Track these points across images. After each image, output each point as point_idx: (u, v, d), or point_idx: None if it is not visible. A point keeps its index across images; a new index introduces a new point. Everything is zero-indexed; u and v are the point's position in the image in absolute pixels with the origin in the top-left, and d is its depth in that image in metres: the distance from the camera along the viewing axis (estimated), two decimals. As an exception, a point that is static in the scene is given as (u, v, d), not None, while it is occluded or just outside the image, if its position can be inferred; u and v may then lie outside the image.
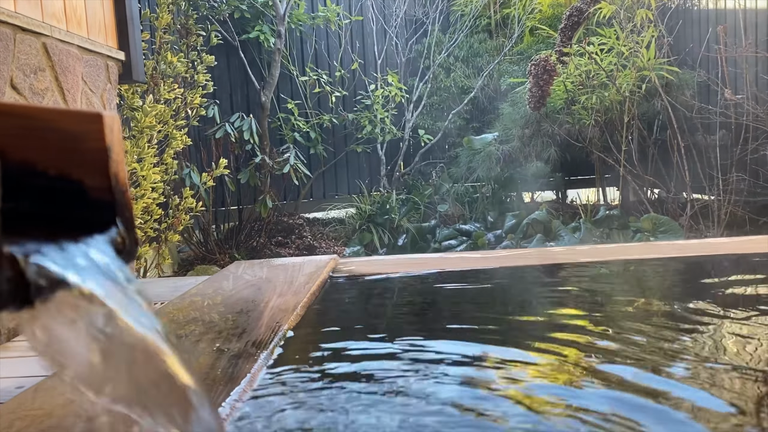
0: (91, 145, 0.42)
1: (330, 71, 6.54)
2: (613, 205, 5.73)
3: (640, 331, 1.15)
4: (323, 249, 5.55)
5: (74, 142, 0.41)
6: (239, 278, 1.71)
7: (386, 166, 6.74)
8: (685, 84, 5.03)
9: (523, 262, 1.96)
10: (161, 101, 3.93)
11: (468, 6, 7.26)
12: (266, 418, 0.80)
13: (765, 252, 1.88)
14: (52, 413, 0.86)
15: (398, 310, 1.56)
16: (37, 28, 2.16)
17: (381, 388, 0.89)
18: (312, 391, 0.89)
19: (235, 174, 5.40)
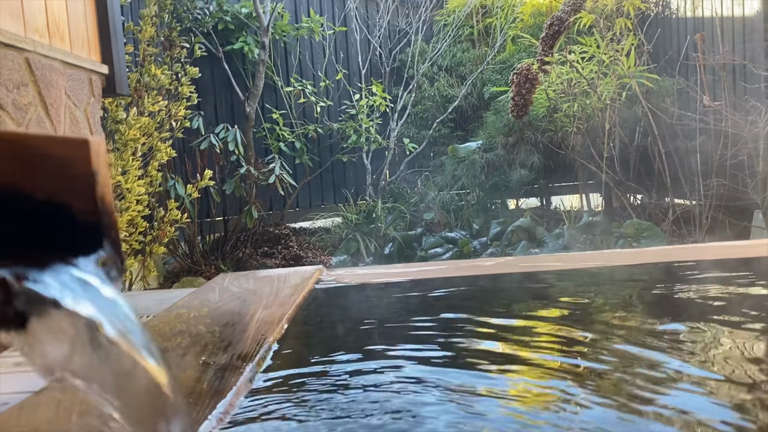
0: (78, 169, 0.43)
1: (315, 81, 6.57)
2: (596, 211, 5.79)
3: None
4: (310, 259, 5.55)
5: (62, 167, 0.43)
6: (225, 290, 1.72)
7: (372, 175, 6.77)
8: (665, 91, 5.11)
9: (508, 270, 1.99)
10: (145, 113, 3.93)
11: (451, 16, 7.33)
12: (252, 429, 0.81)
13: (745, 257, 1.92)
14: (38, 430, 0.86)
15: (383, 319, 1.58)
16: (20, 43, 2.16)
17: (367, 398, 0.90)
18: (297, 402, 0.91)
19: (221, 185, 5.40)
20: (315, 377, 1.04)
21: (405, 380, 0.97)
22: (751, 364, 1.00)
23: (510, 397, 0.89)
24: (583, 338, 1.20)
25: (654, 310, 1.45)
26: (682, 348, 1.10)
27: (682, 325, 1.23)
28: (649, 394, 0.86)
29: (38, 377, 1.29)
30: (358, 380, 1.00)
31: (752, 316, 1.29)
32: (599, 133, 5.12)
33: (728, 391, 0.89)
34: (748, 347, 1.10)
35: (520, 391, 0.92)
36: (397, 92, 7.06)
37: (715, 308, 1.38)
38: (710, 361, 1.03)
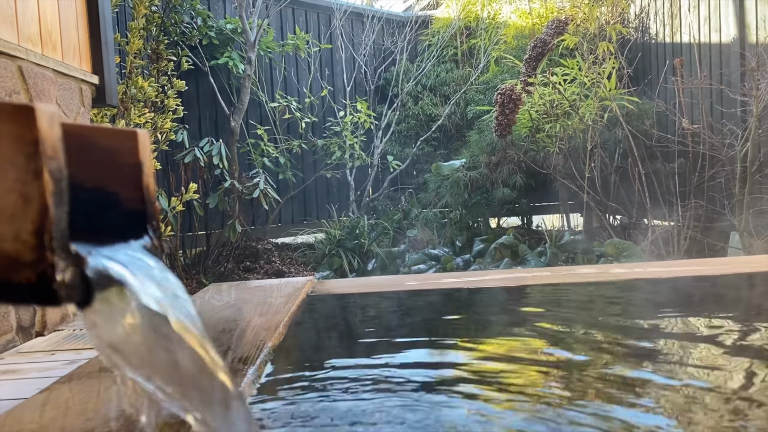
0: (126, 159, 0.45)
1: (300, 97, 6.61)
2: (576, 230, 5.87)
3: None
4: (292, 274, 5.54)
5: (111, 157, 0.45)
6: (218, 299, 1.73)
7: (355, 191, 6.80)
8: (645, 114, 5.22)
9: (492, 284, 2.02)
10: (131, 125, 3.92)
11: (435, 36, 7.45)
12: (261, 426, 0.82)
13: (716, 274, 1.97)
14: (45, 428, 0.87)
15: (372, 327, 1.59)
16: (13, 51, 2.16)
17: (363, 397, 0.92)
18: (300, 401, 0.92)
19: (204, 198, 5.38)
20: (314, 380, 1.05)
21: (400, 382, 0.99)
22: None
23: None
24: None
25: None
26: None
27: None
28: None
29: (25, 384, 1.30)
30: (356, 383, 1.02)
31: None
32: (580, 154, 5.21)
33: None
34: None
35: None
36: (382, 110, 7.13)
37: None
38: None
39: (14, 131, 0.31)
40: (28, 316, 2.19)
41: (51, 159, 0.32)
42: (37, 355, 2.00)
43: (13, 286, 0.31)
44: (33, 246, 0.31)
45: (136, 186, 0.45)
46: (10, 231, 0.31)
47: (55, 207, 0.32)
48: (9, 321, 2.08)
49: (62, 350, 2.04)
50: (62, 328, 2.37)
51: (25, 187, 0.31)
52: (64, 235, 0.33)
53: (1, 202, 0.31)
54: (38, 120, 0.31)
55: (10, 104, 0.31)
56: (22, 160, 0.31)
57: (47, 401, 1.03)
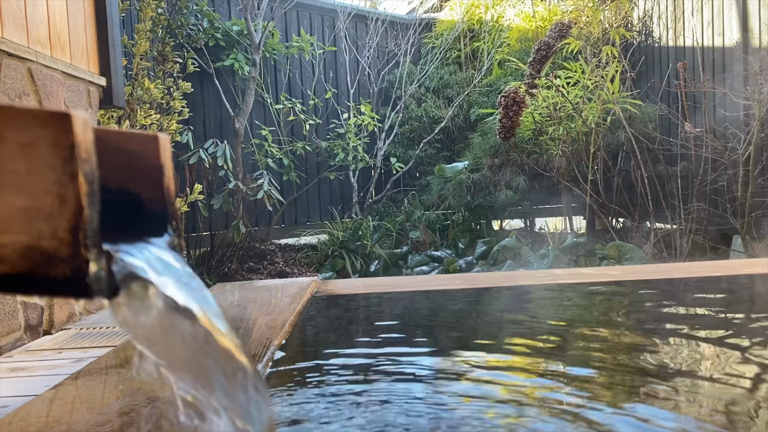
0: (148, 162, 0.48)
1: (304, 99, 6.64)
2: (579, 233, 5.88)
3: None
4: (295, 275, 5.56)
5: (133, 160, 0.47)
6: (223, 299, 1.76)
7: (358, 193, 6.83)
8: (648, 117, 5.24)
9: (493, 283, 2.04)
10: (137, 127, 3.95)
11: (439, 39, 7.47)
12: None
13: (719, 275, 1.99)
14: (59, 421, 0.89)
15: (377, 327, 1.62)
16: (23, 53, 2.19)
17: (362, 392, 0.94)
18: (306, 397, 0.94)
19: (208, 199, 5.41)
20: (320, 377, 1.07)
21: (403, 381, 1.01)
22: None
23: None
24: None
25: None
26: None
27: None
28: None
29: (34, 381, 1.33)
30: (361, 380, 1.04)
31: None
32: (583, 157, 5.22)
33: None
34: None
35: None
36: (385, 112, 7.15)
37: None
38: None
39: (52, 137, 0.33)
40: (35, 315, 2.22)
41: (85, 162, 0.34)
42: (44, 353, 2.02)
43: (51, 281, 0.34)
44: (69, 243, 0.34)
45: (157, 187, 0.48)
46: (48, 229, 0.34)
47: (88, 207, 0.34)
48: (17, 320, 2.11)
49: (69, 348, 2.07)
50: (69, 327, 2.40)
51: (62, 189, 0.33)
52: (96, 233, 0.35)
53: (40, 202, 0.33)
54: (74, 126, 0.34)
55: (48, 112, 0.34)
56: (60, 163, 0.33)
57: (55, 398, 1.05)
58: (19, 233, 0.33)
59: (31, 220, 0.33)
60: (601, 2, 5.79)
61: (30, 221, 0.33)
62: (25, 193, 0.33)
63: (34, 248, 0.33)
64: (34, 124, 0.33)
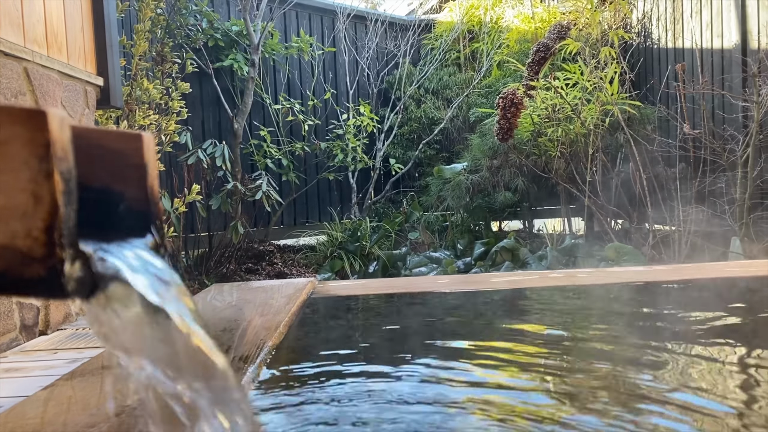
0: (132, 161, 0.47)
1: (303, 100, 6.64)
2: (578, 234, 5.88)
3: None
4: (294, 276, 5.56)
5: (117, 158, 0.47)
6: (220, 300, 1.75)
7: (357, 194, 6.83)
8: (647, 118, 5.23)
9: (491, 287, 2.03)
10: (135, 127, 3.94)
11: (438, 40, 7.47)
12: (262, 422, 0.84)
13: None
14: (50, 423, 0.89)
15: (373, 328, 1.61)
16: (20, 53, 2.19)
17: (357, 388, 0.94)
18: (298, 400, 0.94)
19: (207, 200, 5.40)
20: (312, 379, 1.07)
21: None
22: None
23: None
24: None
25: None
26: None
27: None
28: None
29: (29, 381, 1.32)
30: (352, 383, 1.04)
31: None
32: (582, 158, 5.22)
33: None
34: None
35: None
36: (384, 113, 7.15)
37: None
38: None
39: (27, 134, 0.33)
40: (31, 315, 2.21)
41: (61, 160, 0.34)
42: (39, 353, 2.02)
43: (26, 281, 0.33)
44: (43, 242, 0.33)
45: (140, 186, 0.47)
46: (23, 228, 0.33)
47: (64, 206, 0.34)
48: (13, 320, 2.11)
49: (65, 349, 2.06)
50: (65, 327, 2.39)
51: (37, 187, 0.33)
52: (73, 232, 0.35)
53: (15, 200, 0.33)
54: (50, 123, 0.33)
55: (23, 109, 0.33)
56: (35, 161, 0.33)
57: (50, 398, 1.05)
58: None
59: (5, 219, 0.33)
60: (600, 4, 5.79)
61: (3, 220, 0.33)
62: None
63: (8, 248, 0.33)
64: (9, 122, 0.33)
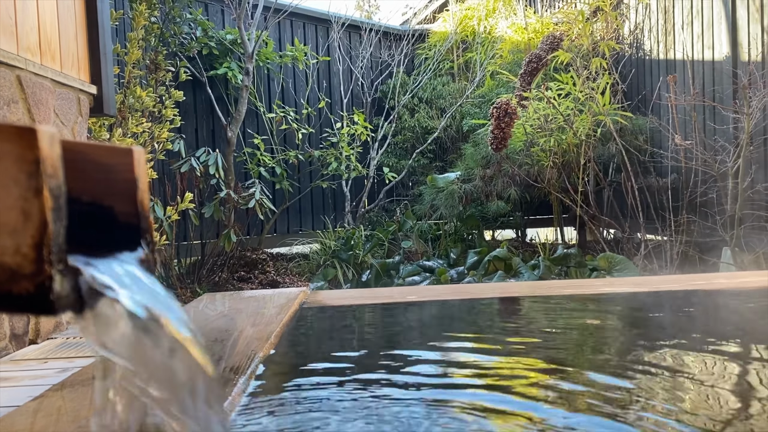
0: (122, 176, 0.48)
1: (297, 108, 6.65)
2: (570, 244, 5.90)
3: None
4: (287, 284, 5.55)
5: (107, 173, 0.47)
6: (212, 309, 1.75)
7: (351, 202, 6.83)
8: (638, 129, 5.27)
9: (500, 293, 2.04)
10: (128, 135, 3.94)
11: (432, 50, 7.51)
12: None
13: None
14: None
15: (365, 338, 1.61)
16: (12, 61, 2.19)
17: (351, 400, 0.94)
18: (288, 411, 0.94)
19: (199, 208, 5.39)
20: (303, 391, 1.07)
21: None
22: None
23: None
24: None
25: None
26: None
27: None
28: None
29: (18, 391, 1.32)
30: (345, 395, 1.04)
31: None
32: (574, 168, 5.25)
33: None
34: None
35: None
36: (378, 122, 7.17)
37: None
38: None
39: (17, 151, 0.33)
40: (21, 324, 2.20)
41: (51, 177, 0.34)
42: (29, 362, 2.01)
43: (14, 297, 0.33)
44: (32, 259, 0.33)
45: (131, 201, 0.47)
46: (11, 245, 0.33)
47: (53, 222, 0.34)
48: (2, 329, 2.09)
49: (55, 358, 2.05)
50: (55, 336, 2.38)
51: (26, 204, 0.33)
52: (62, 248, 0.35)
53: (4, 217, 0.33)
54: (40, 141, 0.33)
55: (13, 126, 0.33)
56: (24, 178, 0.33)
57: (39, 408, 1.04)
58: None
59: (-6, 236, 0.33)
60: (592, 15, 5.83)
61: (-8, 237, 0.33)
62: (-12, 208, 0.33)
63: (-4, 264, 0.33)
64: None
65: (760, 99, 3.91)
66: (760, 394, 1.03)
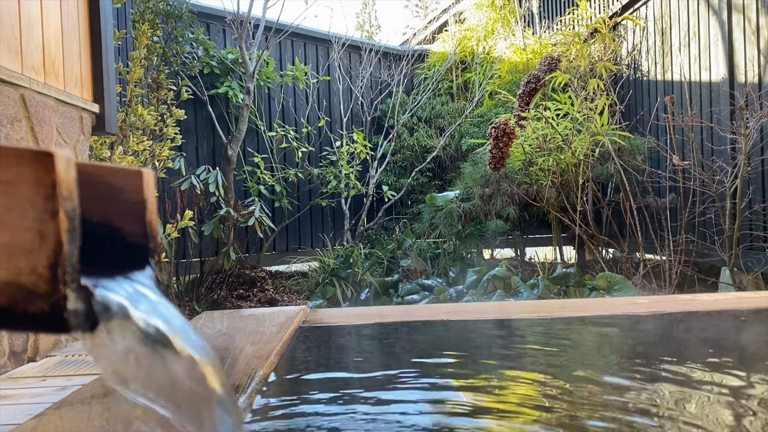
0: (131, 196, 0.49)
1: (297, 127, 6.69)
2: (569, 263, 5.90)
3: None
4: (285, 302, 5.54)
5: (116, 194, 0.48)
6: (211, 327, 1.75)
7: (350, 220, 6.84)
8: (637, 149, 5.30)
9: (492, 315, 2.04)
10: (129, 153, 3.96)
11: (431, 70, 7.58)
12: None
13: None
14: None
15: (365, 358, 1.61)
16: (17, 80, 2.21)
17: (351, 420, 0.94)
18: (293, 427, 0.94)
19: (199, 226, 5.40)
20: (304, 409, 1.07)
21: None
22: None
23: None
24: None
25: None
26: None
27: None
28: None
29: (17, 409, 1.32)
30: (346, 414, 1.04)
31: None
32: (573, 188, 5.27)
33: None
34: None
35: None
36: (378, 140, 7.21)
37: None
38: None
39: (34, 175, 0.34)
40: (20, 342, 2.20)
41: (66, 200, 0.35)
42: (28, 380, 2.00)
43: (30, 316, 0.34)
44: (48, 279, 0.34)
45: (140, 221, 0.48)
46: (28, 265, 0.34)
47: (68, 243, 0.35)
48: (2, 346, 2.09)
49: (53, 376, 2.04)
50: (54, 354, 2.38)
51: (43, 226, 0.34)
52: (75, 268, 0.36)
53: (20, 238, 0.34)
54: (56, 164, 0.35)
55: (30, 150, 0.35)
56: (41, 201, 0.34)
57: (38, 427, 1.05)
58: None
59: (11, 256, 0.34)
60: (590, 37, 5.89)
61: (10, 257, 0.34)
62: (6, 229, 0.34)
63: (13, 284, 0.34)
64: (17, 163, 0.34)
65: (757, 120, 3.94)
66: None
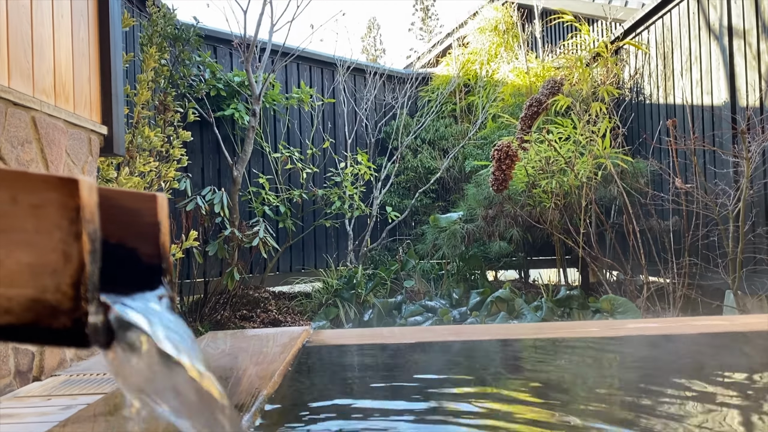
0: (146, 219, 0.51)
1: (302, 148, 6.75)
2: (573, 285, 5.90)
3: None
4: (288, 323, 5.54)
5: (133, 217, 0.51)
6: (214, 348, 1.76)
7: (354, 241, 6.87)
8: (639, 172, 5.33)
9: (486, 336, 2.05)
10: (136, 174, 4.01)
11: (435, 93, 7.65)
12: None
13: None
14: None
15: (367, 379, 1.63)
16: (28, 102, 2.25)
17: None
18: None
19: (204, 246, 5.43)
20: (308, 425, 1.09)
21: None
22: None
23: None
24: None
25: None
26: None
27: None
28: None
29: (22, 428, 1.34)
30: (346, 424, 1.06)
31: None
32: (576, 210, 5.29)
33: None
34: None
35: None
36: (382, 162, 7.26)
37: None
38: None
39: (60, 199, 0.37)
40: (26, 361, 2.22)
41: (89, 222, 0.38)
42: (33, 399, 2.01)
43: (53, 331, 0.37)
44: (71, 296, 0.37)
45: (154, 243, 0.51)
46: (53, 283, 0.37)
47: (90, 263, 0.38)
48: (8, 365, 2.11)
49: (58, 395, 2.06)
50: (59, 373, 2.39)
51: (67, 247, 0.37)
52: (96, 287, 0.39)
53: (46, 258, 0.37)
54: (81, 190, 0.37)
55: (56, 176, 0.37)
56: (66, 224, 0.37)
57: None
58: (26, 287, 0.37)
59: (37, 275, 0.37)
60: (592, 61, 5.95)
61: (36, 276, 0.37)
62: (33, 250, 0.36)
63: (39, 301, 0.37)
64: (44, 188, 0.37)
65: (759, 143, 3.97)
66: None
